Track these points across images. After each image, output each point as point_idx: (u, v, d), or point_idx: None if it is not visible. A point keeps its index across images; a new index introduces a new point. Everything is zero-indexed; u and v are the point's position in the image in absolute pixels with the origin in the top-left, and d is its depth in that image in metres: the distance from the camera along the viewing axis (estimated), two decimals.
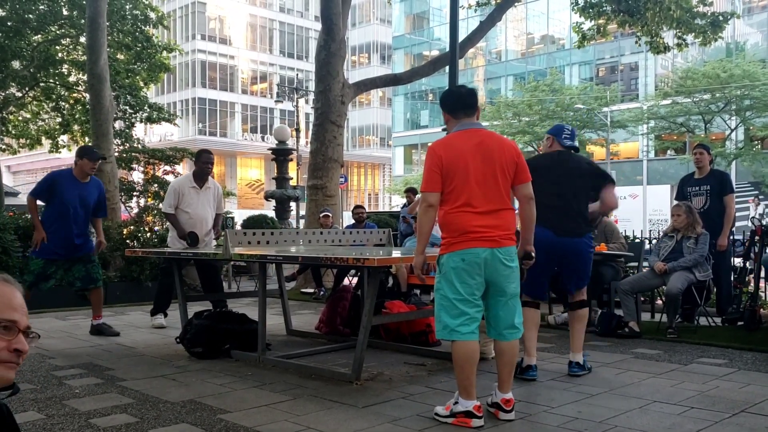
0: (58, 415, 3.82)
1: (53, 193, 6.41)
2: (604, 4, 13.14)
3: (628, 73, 42.48)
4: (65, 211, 6.39)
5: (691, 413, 3.84)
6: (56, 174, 6.59)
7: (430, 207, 3.74)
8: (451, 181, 3.69)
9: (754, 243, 6.99)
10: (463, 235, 3.65)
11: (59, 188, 6.41)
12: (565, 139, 5.02)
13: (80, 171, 6.51)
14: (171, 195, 6.97)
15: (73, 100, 20.76)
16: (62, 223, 6.40)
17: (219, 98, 55.53)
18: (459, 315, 3.68)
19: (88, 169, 6.51)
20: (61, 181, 6.45)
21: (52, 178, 6.53)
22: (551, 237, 4.63)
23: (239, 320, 5.79)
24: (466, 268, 3.65)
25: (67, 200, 6.40)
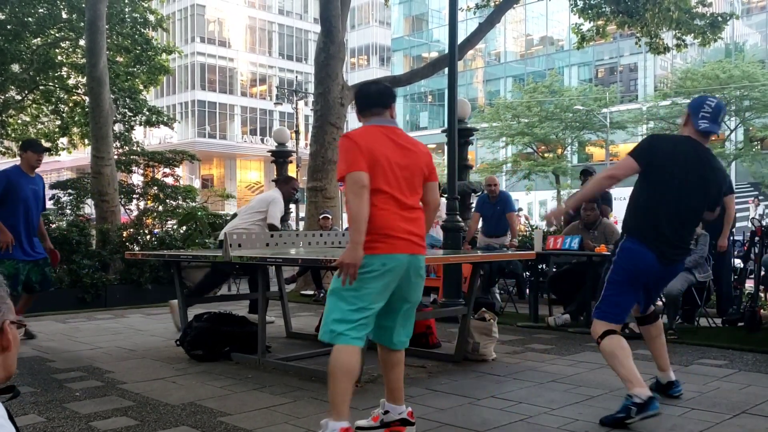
0: (59, 418, 3.82)
1: (9, 190, 6.19)
2: (603, 5, 13.15)
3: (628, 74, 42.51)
4: (22, 208, 6.22)
5: (691, 414, 3.84)
6: (8, 171, 6.33)
7: (364, 188, 3.15)
8: (372, 172, 3.21)
9: (754, 244, 6.99)
10: (387, 238, 3.22)
11: (14, 185, 6.22)
12: (702, 120, 3.71)
13: (26, 164, 6.34)
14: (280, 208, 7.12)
15: (73, 103, 20.75)
16: (21, 222, 6.23)
17: (218, 100, 55.51)
18: (352, 320, 3.25)
19: (34, 161, 6.35)
20: (15, 178, 6.24)
21: (5, 175, 6.26)
22: (655, 265, 3.74)
23: (239, 322, 5.79)
24: (382, 275, 3.21)
25: (24, 197, 6.23)
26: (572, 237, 7.16)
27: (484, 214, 9.25)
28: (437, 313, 6.65)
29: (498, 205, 9.03)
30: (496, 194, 9.06)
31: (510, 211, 9.08)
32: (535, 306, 7.52)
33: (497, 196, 9.06)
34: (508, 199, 9.20)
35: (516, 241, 8.93)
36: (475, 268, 5.62)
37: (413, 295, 3.42)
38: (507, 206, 9.07)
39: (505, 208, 9.02)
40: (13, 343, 1.56)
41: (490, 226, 9.14)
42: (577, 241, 7.03)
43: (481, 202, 9.35)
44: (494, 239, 9.02)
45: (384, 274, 3.20)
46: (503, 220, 9.01)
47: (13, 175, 6.30)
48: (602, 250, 6.91)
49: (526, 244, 9.57)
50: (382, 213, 3.21)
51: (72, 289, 8.98)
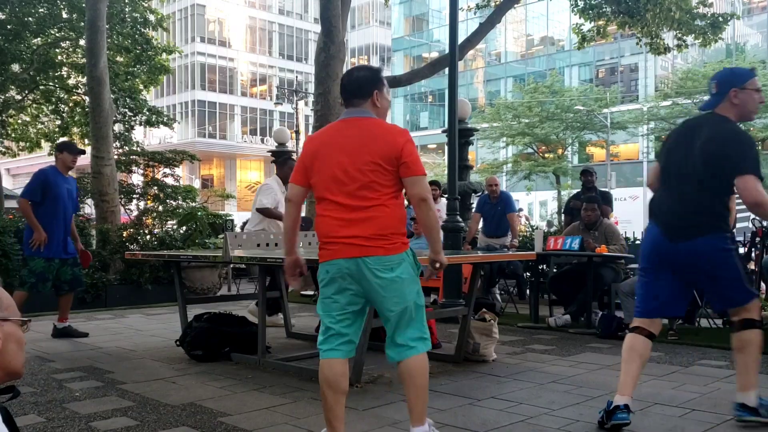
0: (59, 418, 3.81)
1: (46, 190, 6.35)
2: (603, 6, 13.14)
3: (628, 75, 42.51)
4: (58, 208, 6.38)
5: (692, 415, 3.84)
6: (45, 171, 6.49)
7: (289, 201, 3.35)
8: (313, 176, 3.22)
9: (755, 244, 6.98)
10: (326, 244, 3.18)
11: (51, 185, 6.37)
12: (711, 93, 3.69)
13: (62, 165, 6.49)
14: (272, 194, 7.07)
15: (73, 103, 20.75)
16: (57, 221, 6.39)
17: (218, 100, 55.52)
18: (324, 331, 3.22)
19: (70, 162, 6.50)
20: (52, 178, 6.41)
21: (43, 175, 6.42)
22: (660, 239, 3.66)
23: (239, 323, 5.78)
24: (330, 282, 3.17)
25: (60, 196, 6.39)
26: (573, 237, 7.16)
27: (484, 214, 9.25)
28: (437, 314, 6.64)
29: (499, 206, 9.02)
30: (497, 195, 9.06)
31: (511, 212, 9.08)
32: (535, 306, 7.52)
33: (498, 197, 9.05)
34: (508, 200, 9.20)
35: (516, 242, 8.93)
36: (475, 269, 5.62)
37: (386, 301, 3.12)
38: (508, 207, 9.07)
39: (506, 209, 9.02)
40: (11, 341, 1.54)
41: (491, 227, 9.14)
42: (578, 241, 7.03)
43: (482, 202, 9.34)
44: (495, 240, 9.02)
45: (331, 281, 3.16)
46: (504, 221, 9.00)
47: (51, 175, 6.44)
48: (603, 250, 6.91)
49: (527, 244, 9.56)
50: (323, 220, 3.20)
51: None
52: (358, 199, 3.11)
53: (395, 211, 3.14)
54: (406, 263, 3.16)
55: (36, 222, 6.34)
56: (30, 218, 6.36)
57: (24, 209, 6.39)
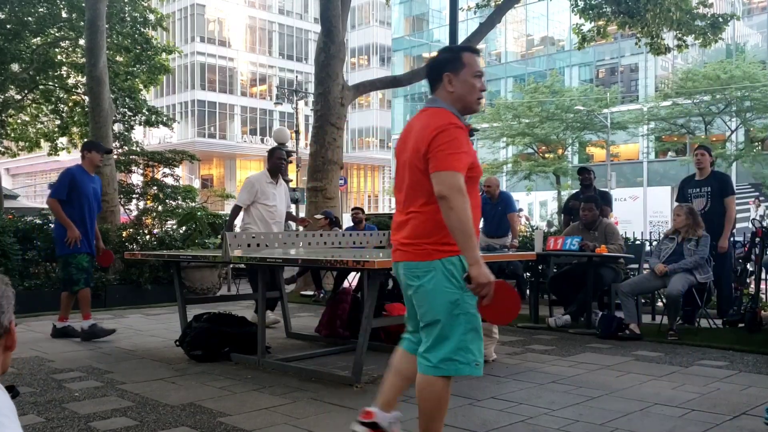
0: (58, 418, 3.81)
1: (74, 189, 6.39)
2: (604, 6, 13.14)
3: (628, 75, 42.48)
4: (84, 206, 6.43)
5: (691, 416, 3.83)
6: (72, 170, 6.53)
7: None
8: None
9: (754, 245, 6.98)
10: None
11: (79, 184, 6.41)
12: None
13: (90, 164, 6.55)
14: (247, 189, 7.00)
15: (72, 102, 20.76)
16: (85, 220, 6.46)
17: (218, 100, 55.53)
18: None
19: (98, 161, 6.58)
20: (79, 177, 6.45)
21: (71, 174, 6.46)
22: None
23: (239, 323, 5.78)
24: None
25: (87, 195, 6.45)
26: (572, 237, 7.15)
27: (485, 214, 9.24)
28: None
29: (499, 206, 9.01)
30: (495, 196, 9.05)
31: (511, 212, 9.07)
32: (535, 307, 7.52)
33: (497, 197, 9.05)
34: (509, 200, 9.19)
35: (516, 242, 8.92)
36: None
37: (418, 309, 2.94)
38: (508, 207, 9.06)
39: (506, 209, 9.01)
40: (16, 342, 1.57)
41: (492, 227, 9.13)
42: (577, 241, 7.02)
43: (482, 203, 9.33)
44: (495, 240, 9.00)
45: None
46: (504, 221, 8.99)
47: (77, 174, 6.47)
48: (602, 250, 6.90)
49: (527, 244, 9.56)
50: None
51: None
52: (407, 200, 2.94)
53: (430, 214, 2.83)
54: (437, 272, 2.83)
55: (68, 220, 6.36)
56: (62, 217, 6.37)
57: (54, 208, 6.41)
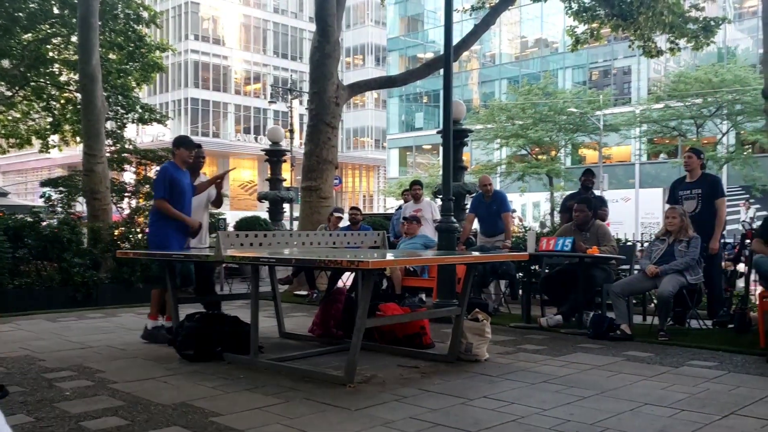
0: (48, 417, 3.80)
1: (173, 186, 6.33)
2: (597, 9, 13.17)
3: (621, 77, 42.61)
4: (183, 202, 6.37)
5: (681, 416, 3.85)
6: (168, 167, 6.46)
7: None
8: None
9: (744, 246, 7.02)
10: None
11: (176, 180, 6.36)
12: None
13: (180, 160, 6.50)
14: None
15: (64, 99, 20.64)
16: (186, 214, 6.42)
17: (212, 98, 55.40)
18: None
19: (186, 157, 6.51)
20: (175, 174, 6.38)
21: (168, 172, 6.37)
22: None
23: (231, 322, 5.77)
24: None
25: (184, 191, 6.39)
26: (564, 238, 7.17)
27: (479, 214, 9.24)
28: (431, 314, 6.65)
29: (494, 204, 9.02)
30: (491, 193, 9.06)
31: (505, 212, 9.06)
32: (527, 307, 7.53)
33: (492, 196, 9.06)
34: (503, 199, 9.17)
35: (509, 243, 8.94)
36: (468, 269, 5.63)
37: None
38: (502, 206, 9.05)
39: (500, 208, 9.01)
40: None
41: (488, 226, 9.12)
42: (570, 242, 7.04)
43: (476, 202, 9.34)
44: (492, 239, 9.00)
45: None
46: (498, 221, 9.00)
47: (173, 171, 6.42)
48: (594, 251, 6.93)
49: (520, 245, 9.57)
50: None
51: (63, 288, 8.94)
52: None
53: None
54: None
55: (181, 214, 6.31)
56: (175, 214, 6.29)
57: (165, 208, 6.29)
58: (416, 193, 10.42)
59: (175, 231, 6.35)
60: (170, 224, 6.33)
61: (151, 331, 6.34)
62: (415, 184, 10.64)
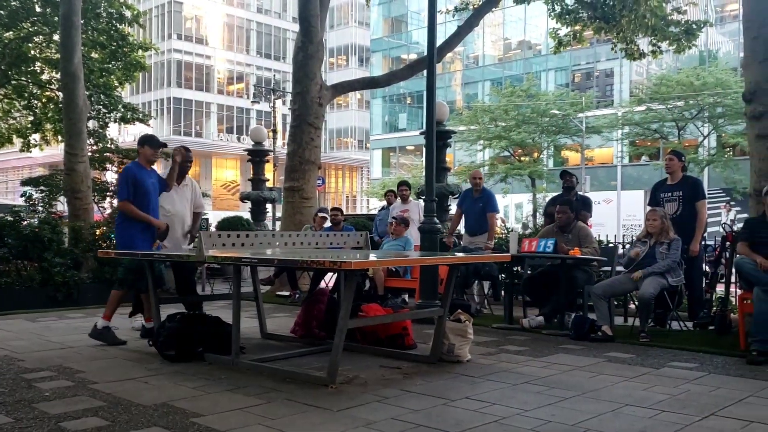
0: (27, 418, 3.76)
1: (137, 187, 6.24)
2: (580, 11, 13.24)
3: (604, 80, 42.90)
4: (147, 203, 6.28)
5: (662, 416, 3.88)
6: (132, 168, 6.38)
7: None
8: None
9: (725, 248, 7.08)
10: None
11: (140, 181, 6.27)
12: None
13: (144, 159, 6.43)
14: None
15: (46, 98, 20.45)
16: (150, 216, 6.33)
17: (194, 98, 55.12)
18: None
19: (151, 156, 6.43)
20: (139, 174, 6.30)
21: (131, 172, 6.29)
22: None
23: (213, 323, 5.74)
24: None
25: (147, 191, 6.30)
26: (546, 240, 7.21)
27: (464, 208, 9.24)
28: (413, 315, 6.66)
29: (480, 202, 9.01)
30: (479, 188, 9.07)
31: (492, 212, 9.06)
32: (509, 308, 7.56)
33: (481, 191, 9.06)
34: (490, 198, 9.13)
35: (492, 243, 8.95)
36: (451, 270, 5.64)
37: None
38: (489, 205, 9.02)
39: (487, 207, 8.99)
40: None
41: (471, 223, 9.10)
42: (552, 243, 7.08)
43: (464, 196, 9.35)
44: (475, 238, 8.99)
45: None
46: (483, 219, 8.99)
47: (137, 171, 6.33)
48: (576, 253, 6.97)
49: (502, 246, 9.61)
50: None
51: (43, 288, 8.86)
52: None
53: None
54: None
55: (146, 215, 6.23)
56: (139, 215, 6.21)
57: (128, 209, 6.21)
58: (403, 194, 10.45)
59: (140, 232, 6.28)
60: (135, 226, 6.26)
61: (101, 330, 6.21)
62: (401, 185, 10.66)
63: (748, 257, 5.89)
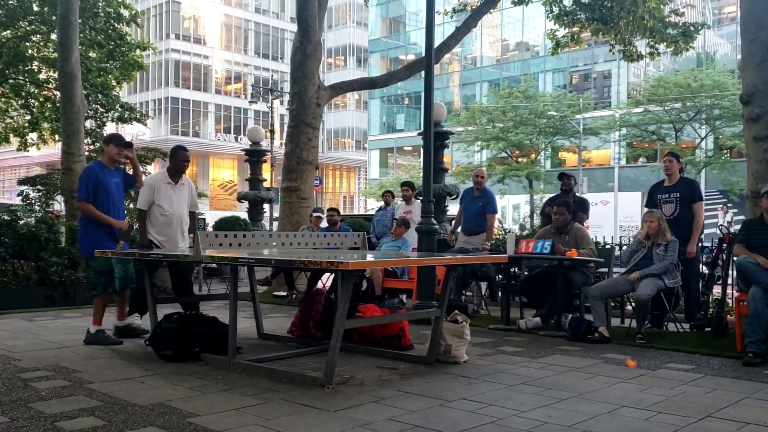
0: (23, 418, 3.75)
1: (98, 187, 6.20)
2: (578, 13, 13.26)
3: (601, 81, 42.95)
4: (109, 203, 6.24)
5: (658, 418, 3.89)
6: (93, 167, 6.34)
7: None
8: None
9: (722, 250, 7.10)
10: None
11: (101, 181, 6.23)
12: None
13: (108, 158, 6.39)
14: (146, 191, 6.62)
15: (43, 97, 20.44)
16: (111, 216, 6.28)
17: (192, 98, 55.10)
18: None
19: (115, 155, 6.40)
20: (101, 175, 6.25)
21: (93, 172, 6.25)
22: None
23: (210, 323, 5.74)
24: None
25: (109, 191, 6.26)
26: (544, 241, 7.22)
27: (464, 206, 9.23)
28: (410, 316, 6.66)
29: (480, 201, 8.99)
30: (481, 187, 9.07)
31: (491, 212, 9.05)
32: (506, 309, 7.56)
33: (482, 191, 9.06)
34: (491, 199, 9.12)
35: (489, 244, 8.95)
36: (448, 271, 5.64)
37: None
38: (488, 206, 9.00)
39: (486, 207, 8.98)
40: None
41: (468, 221, 9.07)
42: (549, 245, 7.08)
43: (464, 194, 9.36)
44: (472, 237, 8.97)
45: None
46: (482, 218, 8.96)
47: (98, 171, 6.29)
48: (573, 254, 6.97)
49: (499, 247, 9.61)
50: None
51: (40, 287, 8.84)
52: None
53: None
54: None
55: (106, 216, 6.19)
56: (99, 216, 6.17)
57: (88, 210, 6.18)
58: (404, 195, 10.45)
59: (106, 233, 6.25)
60: (101, 227, 6.23)
61: (94, 334, 6.17)
62: (404, 186, 10.65)
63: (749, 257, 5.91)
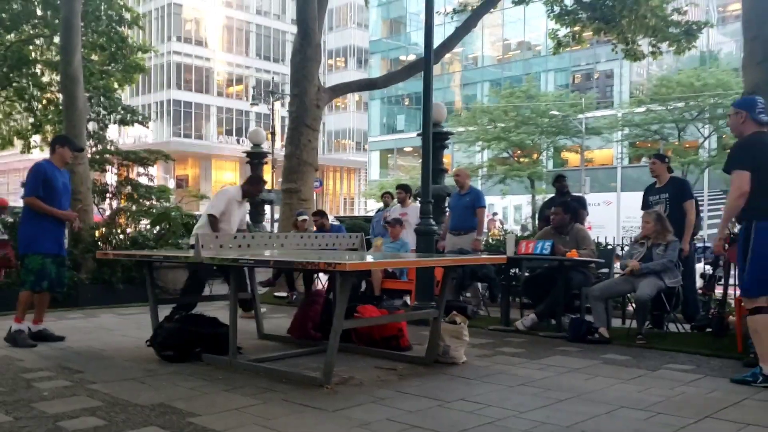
0: (26, 417, 3.78)
1: (47, 184, 6.19)
2: (579, 12, 13.25)
3: (604, 81, 42.90)
4: (55, 202, 6.22)
5: (657, 419, 3.90)
6: (43, 165, 6.30)
7: None
8: None
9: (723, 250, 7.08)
10: None
11: (50, 179, 6.22)
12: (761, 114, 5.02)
13: (60, 159, 6.38)
14: (224, 201, 7.23)
15: (46, 100, 20.47)
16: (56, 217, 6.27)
17: (194, 100, 55.14)
18: None
19: (68, 158, 6.42)
20: (50, 172, 6.24)
21: (42, 169, 6.22)
22: None
23: (210, 323, 5.76)
24: None
25: (56, 190, 6.25)
26: (544, 241, 7.23)
27: (452, 206, 9.21)
28: (409, 316, 6.67)
29: (468, 197, 8.95)
30: (465, 185, 9.04)
31: (480, 206, 9.00)
32: (506, 310, 7.57)
33: (468, 189, 9.03)
34: (478, 194, 9.07)
35: (481, 239, 8.86)
36: (446, 272, 5.65)
37: None
38: (477, 200, 8.92)
39: (475, 202, 8.90)
40: None
41: (455, 218, 9.00)
42: (549, 245, 7.09)
43: (452, 196, 9.36)
44: (459, 235, 8.91)
45: None
46: (469, 215, 8.88)
47: (49, 169, 6.29)
48: (573, 254, 6.98)
49: (499, 248, 9.61)
50: None
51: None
52: None
53: None
54: None
55: (54, 210, 6.18)
56: (46, 209, 6.14)
57: (35, 205, 6.16)
58: (398, 197, 10.38)
59: (47, 232, 6.21)
60: (41, 225, 6.19)
61: (12, 333, 6.12)
62: (398, 188, 10.56)
63: None
